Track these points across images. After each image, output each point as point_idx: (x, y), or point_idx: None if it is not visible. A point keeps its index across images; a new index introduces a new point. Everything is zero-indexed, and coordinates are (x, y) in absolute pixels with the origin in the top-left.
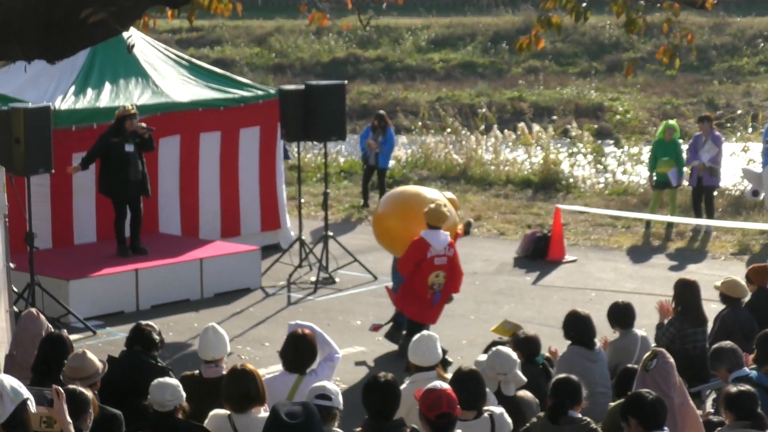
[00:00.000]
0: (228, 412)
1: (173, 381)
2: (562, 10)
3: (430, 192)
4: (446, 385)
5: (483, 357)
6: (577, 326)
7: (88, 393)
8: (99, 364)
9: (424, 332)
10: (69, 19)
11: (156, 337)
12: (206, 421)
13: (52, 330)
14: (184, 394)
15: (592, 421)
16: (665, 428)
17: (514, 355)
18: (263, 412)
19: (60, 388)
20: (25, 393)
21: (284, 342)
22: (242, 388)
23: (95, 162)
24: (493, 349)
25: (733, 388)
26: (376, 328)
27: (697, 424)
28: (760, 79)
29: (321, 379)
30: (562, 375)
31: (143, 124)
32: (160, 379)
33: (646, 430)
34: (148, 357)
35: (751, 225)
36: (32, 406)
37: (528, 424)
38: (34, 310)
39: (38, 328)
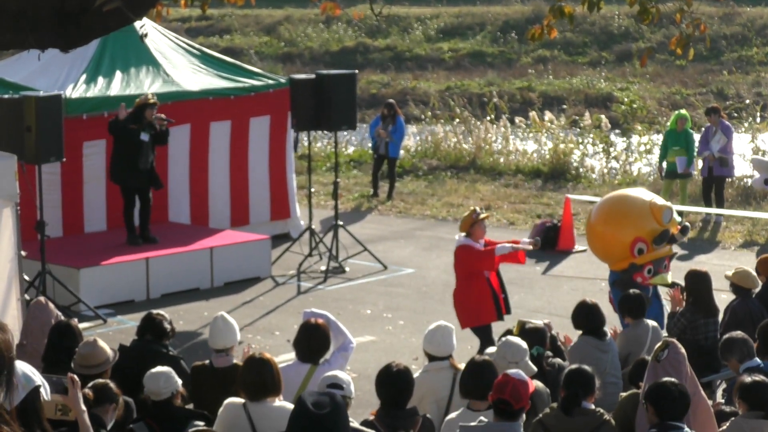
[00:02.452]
0: (243, 400)
1: (165, 369)
2: (574, 0)
3: (638, 192)
4: (524, 377)
5: (492, 349)
6: (587, 316)
7: (116, 388)
8: (110, 352)
9: (440, 322)
10: (83, 8)
11: (167, 326)
12: (221, 409)
13: (62, 318)
14: (179, 381)
15: (605, 412)
16: (683, 421)
17: (524, 344)
18: (278, 401)
19: (75, 376)
20: (38, 380)
21: (297, 331)
22: (259, 376)
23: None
24: (504, 338)
25: (748, 378)
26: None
27: (708, 415)
28: None
29: (334, 369)
30: (575, 366)
31: (162, 116)
32: (153, 370)
33: (662, 420)
34: (159, 346)
35: (761, 215)
36: (45, 393)
37: (541, 415)
38: (42, 298)
39: (47, 316)
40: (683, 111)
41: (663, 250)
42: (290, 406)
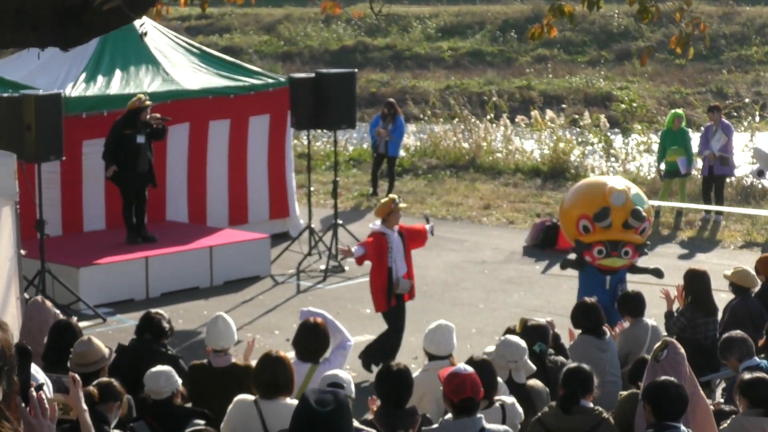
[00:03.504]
0: (254, 397)
1: (166, 368)
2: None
3: (610, 178)
4: (470, 369)
5: (491, 348)
6: (586, 315)
7: (120, 387)
8: (105, 350)
9: (441, 322)
10: (83, 7)
11: (165, 325)
12: (231, 406)
13: (60, 317)
14: (179, 380)
15: (604, 411)
16: (680, 421)
17: (523, 343)
18: (290, 400)
19: (76, 375)
20: (41, 378)
21: (297, 331)
22: (273, 375)
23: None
24: (503, 337)
25: (749, 375)
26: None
27: (707, 415)
28: None
29: (334, 368)
30: (574, 364)
31: (158, 115)
32: (153, 369)
33: (658, 420)
34: (158, 345)
35: (760, 212)
36: (48, 391)
37: (539, 414)
38: (39, 297)
39: (45, 315)
40: (679, 110)
41: (620, 234)
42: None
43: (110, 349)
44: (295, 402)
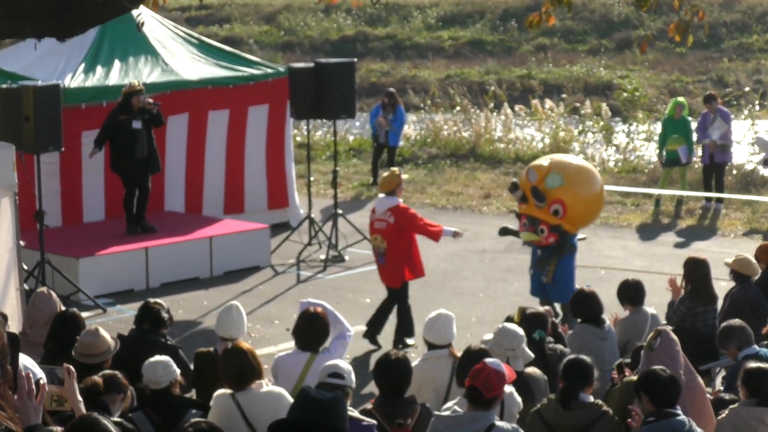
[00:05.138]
0: (230, 390)
1: (164, 358)
2: None
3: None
4: (502, 368)
5: (489, 336)
6: (584, 304)
7: (124, 379)
8: (111, 342)
9: (441, 311)
10: None
11: (164, 315)
12: (211, 402)
13: (65, 308)
14: (177, 369)
15: (604, 404)
16: (677, 407)
17: (520, 331)
18: (265, 386)
19: (71, 366)
20: (38, 373)
21: (296, 320)
22: (237, 365)
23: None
24: (500, 325)
25: (753, 364)
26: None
27: (704, 400)
28: None
29: (333, 358)
30: (573, 356)
31: (150, 100)
32: (151, 359)
33: (657, 407)
34: (157, 335)
35: (761, 198)
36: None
37: (539, 406)
38: (45, 289)
39: (52, 308)
40: (680, 98)
41: (536, 211)
42: (278, 390)
43: (116, 340)
44: (272, 388)
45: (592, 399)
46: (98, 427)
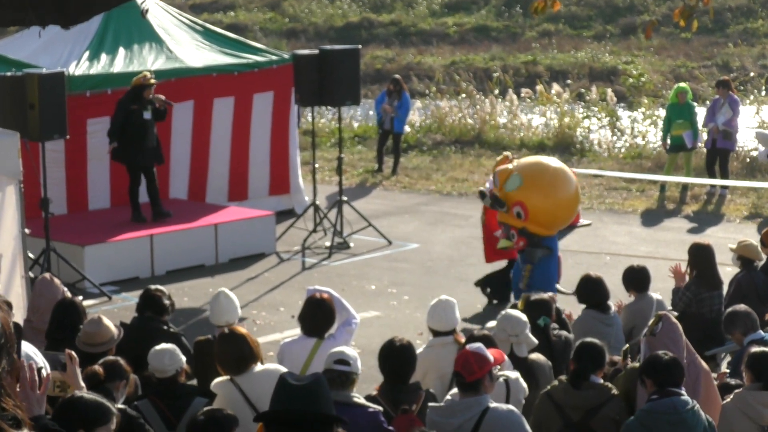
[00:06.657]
0: (228, 376)
1: (170, 346)
2: None
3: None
4: (483, 351)
5: (492, 323)
6: (590, 289)
7: (126, 365)
8: (114, 330)
9: (442, 297)
10: None
11: (166, 302)
12: (213, 390)
13: (68, 294)
14: (183, 358)
15: (614, 387)
16: (682, 388)
17: (524, 317)
18: (260, 365)
19: (73, 352)
20: (41, 362)
21: (302, 306)
22: (238, 350)
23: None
24: (503, 312)
25: (758, 349)
26: None
27: (710, 384)
28: None
29: (339, 344)
30: (587, 339)
31: (162, 97)
32: (157, 347)
33: (661, 389)
34: (159, 323)
35: (765, 185)
36: (45, 371)
37: (549, 387)
38: (47, 275)
39: (54, 293)
40: (683, 84)
41: (505, 216)
42: (274, 367)
43: (119, 329)
44: (267, 366)
45: (602, 381)
46: (80, 403)
